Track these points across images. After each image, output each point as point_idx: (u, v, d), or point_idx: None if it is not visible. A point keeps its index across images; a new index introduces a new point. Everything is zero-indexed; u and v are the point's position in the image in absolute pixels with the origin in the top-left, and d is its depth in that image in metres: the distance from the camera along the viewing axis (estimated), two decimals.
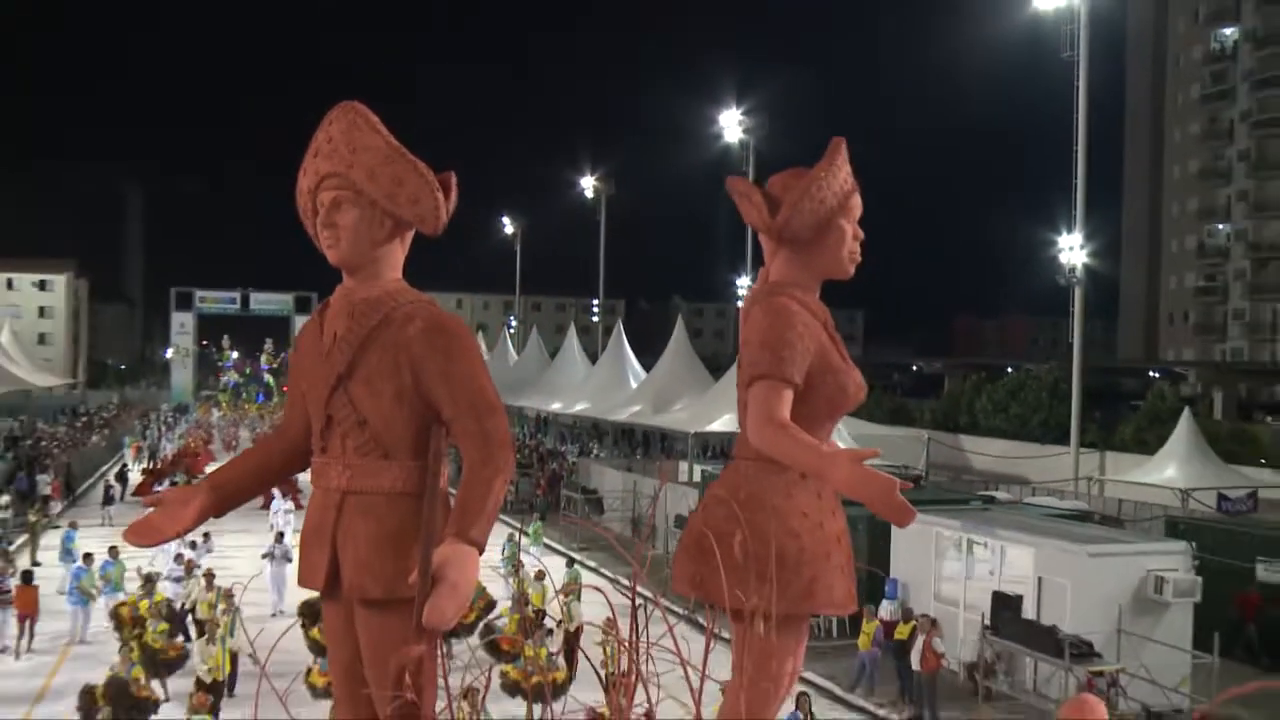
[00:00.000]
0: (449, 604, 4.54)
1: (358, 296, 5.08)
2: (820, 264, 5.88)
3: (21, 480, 38.70)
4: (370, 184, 4.97)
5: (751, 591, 5.30)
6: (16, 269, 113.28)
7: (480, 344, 5.25)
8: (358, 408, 4.93)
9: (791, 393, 5.52)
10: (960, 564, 22.16)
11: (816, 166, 5.99)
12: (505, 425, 5.09)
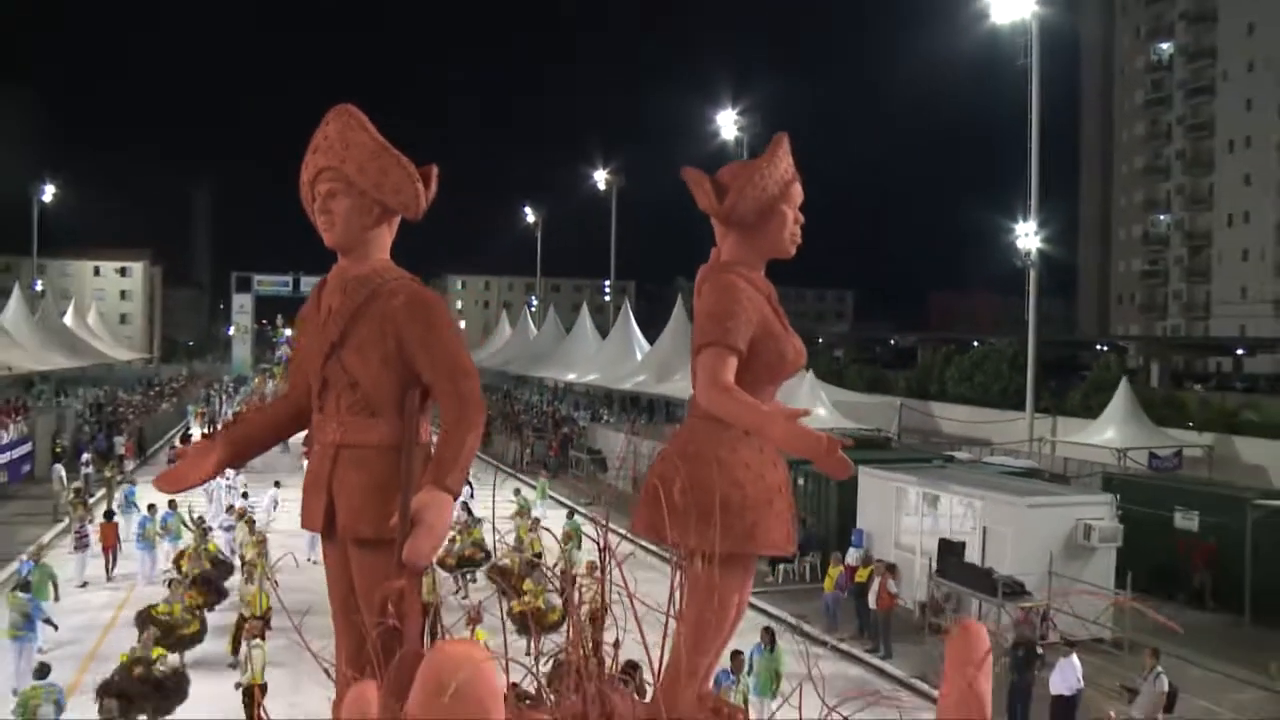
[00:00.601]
0: (426, 543, 4.72)
1: (350, 274, 5.29)
2: (764, 245, 6.06)
3: (101, 441, 39.07)
4: (360, 176, 5.19)
5: (697, 534, 5.50)
6: (101, 258, 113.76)
7: (458, 319, 5.47)
8: (349, 372, 5.13)
9: (735, 359, 5.69)
10: (917, 515, 22.37)
11: (760, 158, 6.20)
12: (477, 387, 5.30)
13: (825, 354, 65.51)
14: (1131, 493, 24.39)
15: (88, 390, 61.41)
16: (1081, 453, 34.44)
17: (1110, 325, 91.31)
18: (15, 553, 24.37)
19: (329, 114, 5.30)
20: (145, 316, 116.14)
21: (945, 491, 21.55)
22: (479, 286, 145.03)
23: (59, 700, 13.22)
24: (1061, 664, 14.81)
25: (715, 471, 5.52)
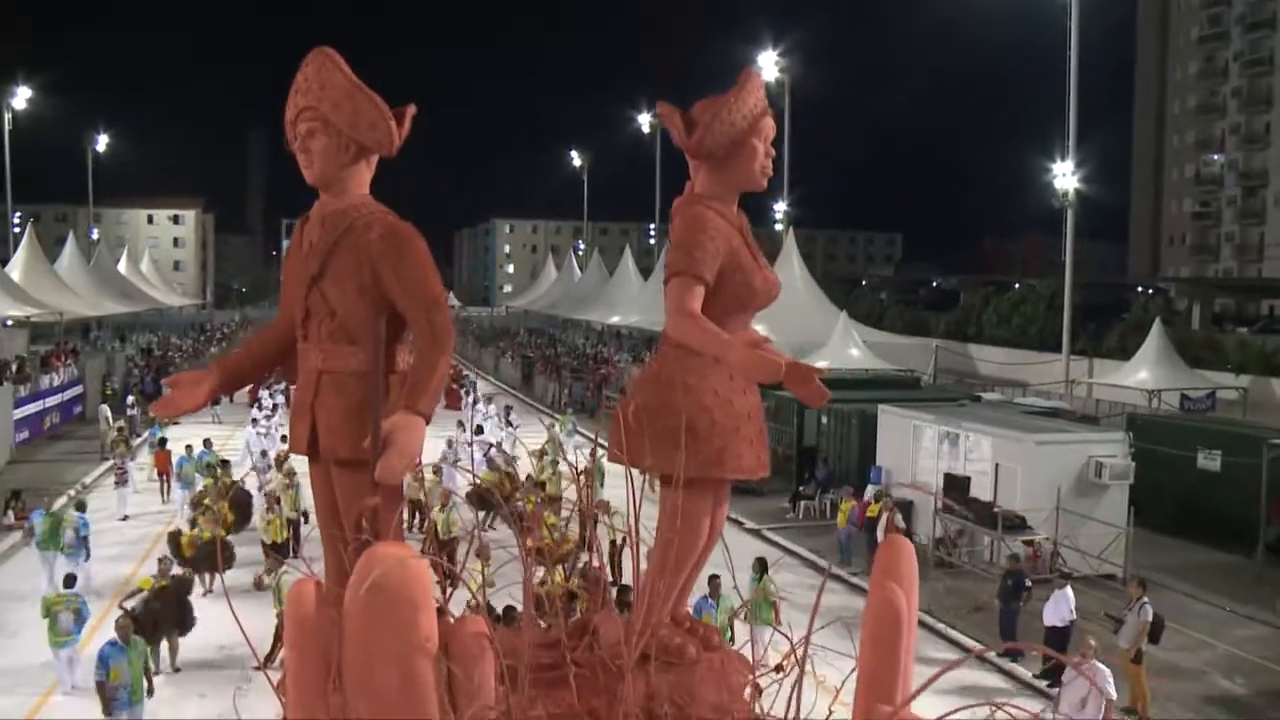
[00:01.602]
0: (397, 462, 5.07)
1: (328, 209, 5.63)
2: (735, 178, 6.26)
3: (147, 384, 40.11)
4: (336, 114, 5.50)
5: (666, 457, 5.76)
6: (155, 206, 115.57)
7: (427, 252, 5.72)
8: (328, 302, 5.48)
9: (702, 288, 5.91)
10: (933, 453, 22.57)
11: (728, 92, 6.42)
12: (447, 316, 5.64)
13: (867, 296, 65.29)
14: (1155, 433, 24.39)
15: (141, 335, 62.82)
16: (1116, 394, 34.34)
17: (1161, 267, 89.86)
18: (64, 488, 25.47)
19: (308, 56, 5.64)
20: (198, 263, 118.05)
21: (959, 429, 21.72)
22: (526, 231, 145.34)
23: (80, 610, 14.20)
24: (1055, 596, 15.07)
25: (681, 397, 5.82)
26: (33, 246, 48.57)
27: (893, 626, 5.48)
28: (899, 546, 6.09)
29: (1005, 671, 15.79)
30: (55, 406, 34.73)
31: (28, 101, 57.70)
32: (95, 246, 66.46)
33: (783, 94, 55.19)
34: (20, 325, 41.86)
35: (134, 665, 11.71)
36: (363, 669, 4.69)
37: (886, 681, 5.48)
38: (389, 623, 4.53)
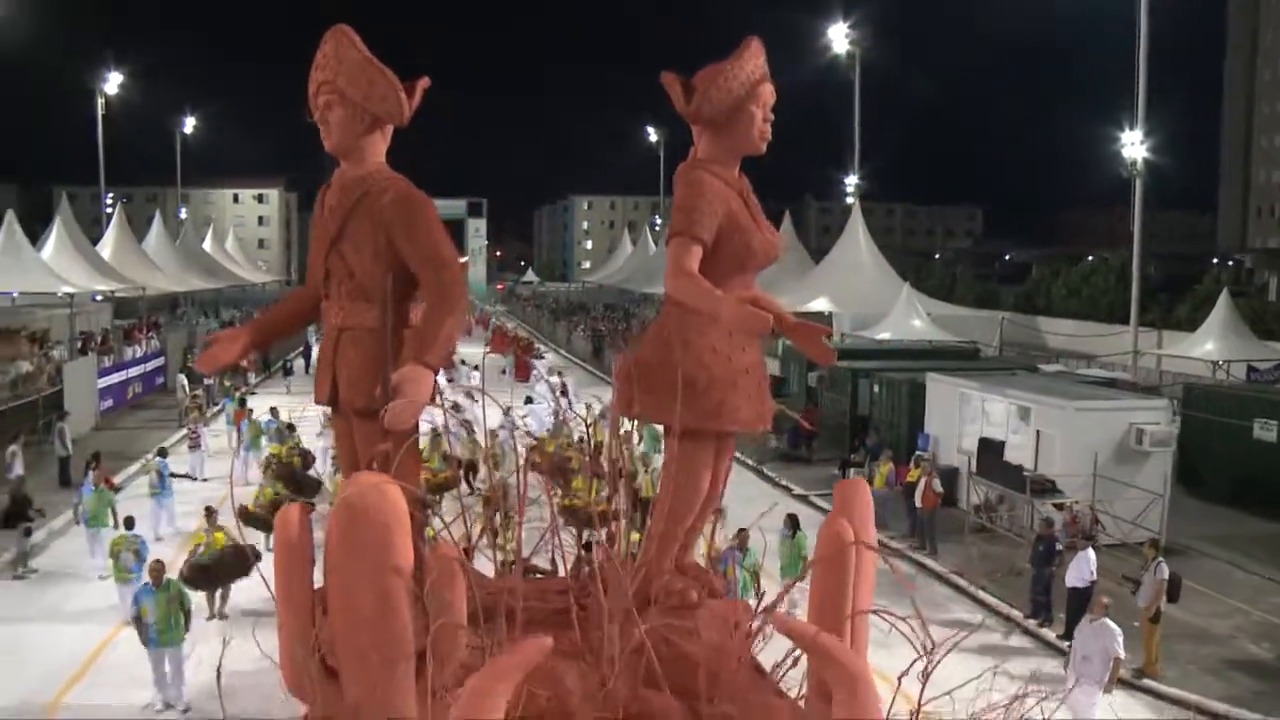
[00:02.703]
0: (406, 411, 5.56)
1: (347, 177, 6.16)
2: (735, 142, 6.59)
3: None
4: (351, 88, 6.01)
5: (665, 410, 6.15)
6: (240, 186, 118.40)
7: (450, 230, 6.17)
8: (346, 262, 5.99)
9: (700, 248, 6.28)
10: (979, 419, 22.66)
11: (726, 60, 6.78)
12: (457, 275, 6.10)
13: (938, 270, 64.71)
14: (1213, 403, 24.19)
15: (225, 310, 64.74)
16: (1183, 366, 33.92)
17: (1249, 239, 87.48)
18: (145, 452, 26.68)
19: (326, 34, 6.18)
20: (281, 241, 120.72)
21: (1002, 396, 21.80)
22: (604, 207, 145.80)
23: (139, 550, 15.36)
24: (1077, 558, 15.21)
25: (680, 353, 6.22)
26: (122, 226, 50.29)
27: (839, 556, 5.86)
28: (856, 487, 6.46)
29: (1032, 634, 15.99)
30: (138, 377, 36.19)
31: (119, 86, 59.55)
32: (182, 226, 68.54)
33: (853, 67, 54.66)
34: (107, 300, 43.51)
35: (162, 606, 12.44)
36: (341, 589, 5.19)
37: (833, 606, 5.86)
38: (365, 545, 5.00)
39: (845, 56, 55.26)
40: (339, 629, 5.42)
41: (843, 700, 4.78)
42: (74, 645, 14.70)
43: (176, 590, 12.83)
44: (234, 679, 10.62)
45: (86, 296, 39.48)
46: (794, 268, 44.46)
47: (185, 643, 12.56)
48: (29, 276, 34.43)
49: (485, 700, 4.17)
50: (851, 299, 38.57)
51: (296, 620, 5.76)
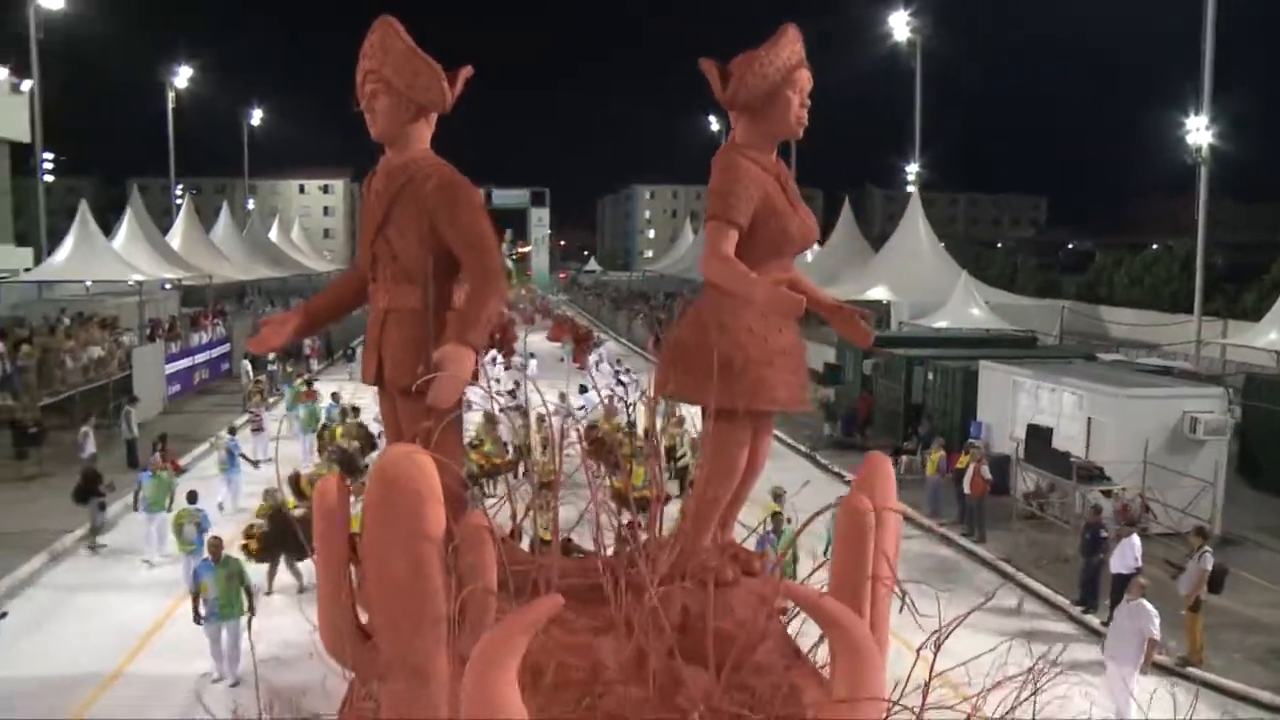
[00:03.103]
0: (446, 389, 5.81)
1: (392, 163, 6.44)
2: (771, 127, 6.76)
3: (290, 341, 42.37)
4: (396, 77, 6.30)
5: (701, 390, 6.30)
6: (305, 177, 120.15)
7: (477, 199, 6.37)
8: (392, 246, 6.27)
9: (735, 232, 6.45)
10: (1031, 406, 22.51)
11: (762, 47, 6.91)
12: (497, 259, 6.35)
13: (999, 259, 64.02)
14: (1276, 393, 23.79)
15: (292, 299, 65.87)
16: (1249, 356, 33.31)
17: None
18: (210, 435, 27.43)
19: (373, 25, 6.46)
20: (346, 230, 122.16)
21: (1055, 384, 21.64)
22: (667, 196, 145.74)
23: (201, 523, 16.03)
24: (1122, 544, 15.14)
25: (716, 334, 6.38)
26: (190, 216, 51.34)
27: (859, 528, 6.00)
28: (877, 462, 6.56)
29: (1077, 620, 15.96)
30: (204, 363, 37.07)
31: (190, 81, 60.76)
32: (249, 216, 69.77)
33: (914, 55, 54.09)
34: (176, 288, 44.53)
35: (220, 582, 12.86)
36: (375, 555, 5.44)
37: (852, 576, 5.99)
38: (398, 513, 5.26)
39: (906, 45, 54.72)
40: (373, 593, 5.67)
41: (845, 662, 4.92)
42: (139, 616, 15.25)
43: (236, 567, 13.23)
44: (291, 650, 11.06)
45: (155, 285, 40.46)
46: (853, 256, 44.36)
47: (243, 617, 12.93)
48: (101, 265, 35.40)
49: (499, 651, 4.38)
50: (909, 287, 38.36)
51: (333, 585, 6.02)
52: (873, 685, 4.65)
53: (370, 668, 5.90)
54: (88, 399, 27.63)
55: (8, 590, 16.24)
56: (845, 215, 48.99)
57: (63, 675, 13.09)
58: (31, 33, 37.72)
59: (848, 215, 48.80)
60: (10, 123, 28.67)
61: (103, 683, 12.75)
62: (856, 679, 4.64)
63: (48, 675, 13.14)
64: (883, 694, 4.72)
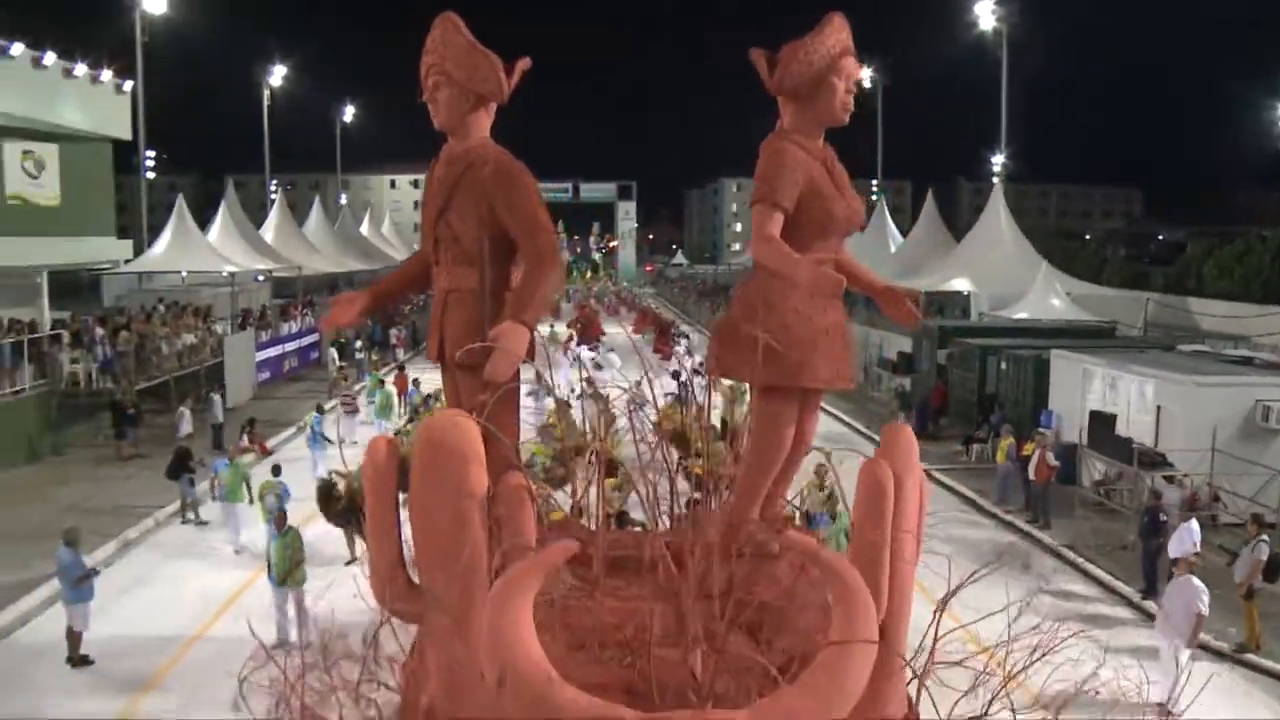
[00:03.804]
0: (502, 365, 6.15)
1: (454, 151, 6.81)
2: (817, 114, 6.97)
3: (377, 332, 43.45)
4: (457, 71, 6.67)
5: (748, 368, 6.60)
6: (396, 172, 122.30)
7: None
8: (453, 230, 6.63)
9: (781, 214, 6.70)
10: (1101, 395, 22.36)
11: (807, 35, 7.18)
12: (552, 241, 6.68)
13: (1085, 250, 62.84)
14: None
15: None
16: None
17: None
18: (295, 420, 28.42)
19: (435, 21, 6.89)
20: None
21: (1126, 372, 21.48)
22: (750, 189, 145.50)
23: (281, 494, 16.67)
24: (1180, 529, 15.10)
25: (762, 314, 6.67)
26: (283, 211, 52.95)
27: (877, 496, 6.25)
28: (899, 431, 6.80)
29: (1136, 606, 15.93)
30: (294, 351, 38.27)
31: (284, 80, 62.43)
32: (341, 210, 71.48)
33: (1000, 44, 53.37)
34: (268, 280, 45.95)
35: (280, 551, 13.53)
36: (421, 511, 5.88)
37: (871, 541, 6.25)
38: (442, 473, 5.67)
39: (992, 34, 54.01)
40: (419, 547, 6.10)
41: (840, 607, 5.19)
42: (223, 583, 16.10)
43: (294, 538, 13.87)
44: (357, 617, 11.64)
45: (248, 276, 41.81)
46: (935, 248, 44.13)
47: (304, 585, 13.56)
48: (196, 257, 36.81)
49: (515, 589, 4.73)
50: (990, 278, 38.06)
51: (382, 539, 6.47)
52: (865, 630, 4.70)
53: (414, 613, 6.35)
54: (181, 384, 28.84)
55: (105, 559, 17.20)
56: (928, 207, 48.86)
57: (153, 634, 14.01)
58: (137, 35, 39.30)
59: (931, 207, 48.63)
60: (114, 122, 29.87)
61: (187, 641, 13.54)
62: (850, 624, 4.70)
63: (140, 633, 14.10)
64: (874, 639, 4.77)
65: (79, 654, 13.26)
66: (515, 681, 4.14)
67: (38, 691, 11.97)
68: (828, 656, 4.56)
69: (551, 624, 5.41)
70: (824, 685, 4.32)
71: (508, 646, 4.19)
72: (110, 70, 28.96)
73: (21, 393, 24.61)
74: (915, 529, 6.63)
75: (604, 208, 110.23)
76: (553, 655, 4.34)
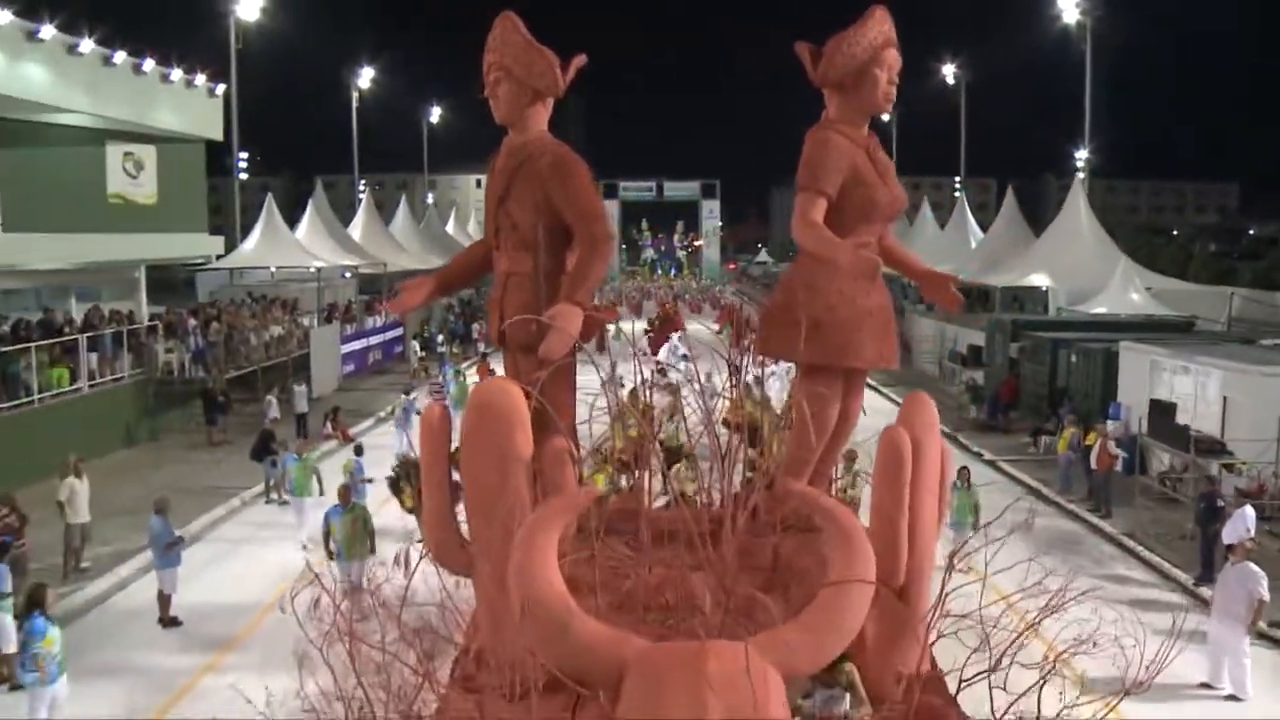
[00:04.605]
0: (556, 344, 6.57)
1: (513, 143, 7.27)
2: (861, 103, 7.33)
3: (459, 327, 44.48)
4: (516, 66, 7.14)
5: (792, 348, 7.00)
6: (482, 172, 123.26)
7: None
8: (512, 217, 7.09)
9: (824, 200, 7.07)
10: (1169, 386, 22.24)
11: (850, 28, 7.58)
12: (604, 227, 7.10)
13: (1171, 246, 61.69)
14: None
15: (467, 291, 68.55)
16: None
17: None
18: (377, 410, 29.42)
19: (496, 21, 7.41)
20: None
21: (1193, 363, 21.38)
22: None
23: (355, 471, 17.85)
24: (1235, 515, 15.13)
25: (806, 295, 7.06)
26: (370, 210, 54.31)
27: (895, 460, 6.62)
28: (919, 399, 7.13)
29: (1190, 592, 15.99)
30: (378, 345, 39.43)
31: (372, 82, 63.94)
32: (427, 209, 72.94)
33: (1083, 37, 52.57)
34: (354, 276, 47.32)
35: (346, 526, 14.23)
36: (471, 469, 6.40)
37: (890, 502, 6.61)
38: (490, 435, 6.18)
39: (1075, 27, 53.23)
40: (469, 503, 6.62)
41: (840, 552, 5.57)
42: (300, 559, 16.92)
43: (362, 513, 14.59)
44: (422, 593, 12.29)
45: (334, 272, 43.09)
46: (1014, 244, 43.82)
47: (368, 559, 14.28)
48: (284, 253, 38.14)
49: (540, 529, 5.19)
50: (1068, 273, 37.77)
51: (436, 498, 7.00)
52: (861, 571, 4.90)
53: (464, 566, 6.87)
54: (269, 374, 30.03)
55: (193, 535, 18.23)
56: (1008, 203, 48.59)
57: (235, 601, 14.96)
58: (231, 42, 40.77)
59: (1011, 203, 48.35)
60: (207, 123, 31.17)
61: (264, 608, 14.37)
62: (847, 565, 4.91)
63: (224, 600, 15.11)
64: (870, 578, 4.92)
65: (169, 615, 14.28)
66: (536, 610, 4.44)
67: (132, 647, 12.91)
68: (825, 596, 4.75)
69: (601, 587, 5.84)
70: (821, 622, 4.59)
71: (531, 579, 4.50)
72: (203, 75, 30.23)
73: (121, 380, 25.93)
74: (936, 491, 6.99)
75: (688, 206, 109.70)
76: (597, 613, 4.70)
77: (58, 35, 23.41)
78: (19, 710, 11.30)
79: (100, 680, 12.12)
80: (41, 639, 10.62)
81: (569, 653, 4.40)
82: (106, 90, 25.58)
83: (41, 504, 16.56)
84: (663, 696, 4.05)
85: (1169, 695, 12.18)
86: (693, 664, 4.12)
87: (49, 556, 15.94)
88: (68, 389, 23.92)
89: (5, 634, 12.25)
